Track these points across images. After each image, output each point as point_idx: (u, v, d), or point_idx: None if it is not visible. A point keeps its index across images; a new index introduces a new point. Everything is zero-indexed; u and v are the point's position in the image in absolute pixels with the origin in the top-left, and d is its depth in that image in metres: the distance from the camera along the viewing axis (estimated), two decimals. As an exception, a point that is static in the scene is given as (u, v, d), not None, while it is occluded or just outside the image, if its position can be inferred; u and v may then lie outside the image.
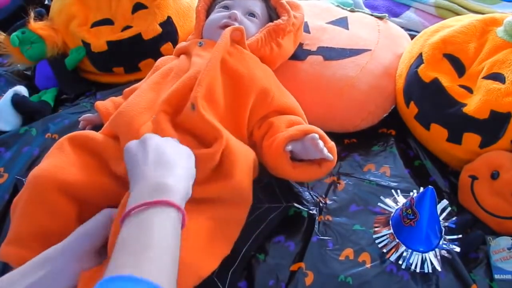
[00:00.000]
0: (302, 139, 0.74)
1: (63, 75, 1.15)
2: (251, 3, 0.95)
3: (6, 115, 1.06)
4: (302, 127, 0.78)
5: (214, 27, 0.91)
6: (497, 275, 0.73)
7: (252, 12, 0.94)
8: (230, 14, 0.90)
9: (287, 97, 0.86)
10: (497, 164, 0.80)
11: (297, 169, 0.76)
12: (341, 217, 0.81)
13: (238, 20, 0.90)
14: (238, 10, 0.92)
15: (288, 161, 0.75)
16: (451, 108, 0.85)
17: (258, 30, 0.93)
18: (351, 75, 0.97)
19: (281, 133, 0.76)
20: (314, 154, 0.73)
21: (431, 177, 0.90)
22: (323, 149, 0.72)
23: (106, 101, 0.93)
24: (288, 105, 0.84)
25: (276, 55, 0.94)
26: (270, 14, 0.97)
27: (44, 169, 0.70)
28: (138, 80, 1.07)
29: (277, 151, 0.75)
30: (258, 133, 0.81)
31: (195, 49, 0.88)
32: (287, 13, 0.94)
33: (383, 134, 0.99)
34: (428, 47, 0.92)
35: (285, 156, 0.75)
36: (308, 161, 0.77)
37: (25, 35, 1.13)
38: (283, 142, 0.74)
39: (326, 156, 0.73)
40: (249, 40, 0.89)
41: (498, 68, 0.85)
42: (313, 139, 0.72)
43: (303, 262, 0.74)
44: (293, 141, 0.75)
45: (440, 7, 1.24)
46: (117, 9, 1.15)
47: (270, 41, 0.92)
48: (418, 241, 0.74)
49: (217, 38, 0.86)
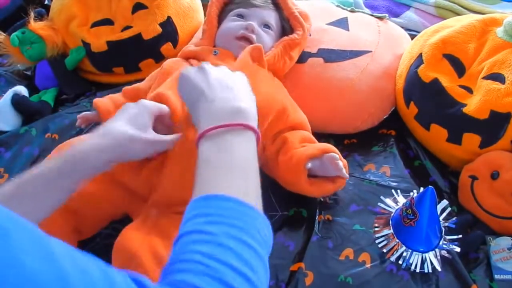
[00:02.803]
0: (321, 158, 0.77)
1: (63, 75, 1.15)
2: (266, 13, 0.95)
3: (6, 115, 1.06)
4: (321, 146, 0.80)
5: (230, 37, 0.91)
6: (497, 275, 0.73)
7: (267, 23, 0.94)
8: (247, 25, 0.90)
9: (299, 113, 0.88)
10: (497, 164, 0.80)
11: (313, 185, 0.79)
12: (341, 217, 0.81)
13: (255, 32, 0.91)
14: (254, 21, 0.92)
15: (305, 178, 0.77)
16: (451, 108, 0.85)
17: (273, 42, 0.94)
18: (352, 77, 0.97)
19: (299, 149, 0.78)
20: (332, 172, 0.77)
21: (431, 177, 0.90)
22: (342, 168, 0.76)
23: (105, 99, 0.91)
24: (300, 120, 0.86)
25: (287, 67, 0.95)
26: (283, 24, 0.98)
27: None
28: (138, 80, 1.07)
29: (297, 168, 0.77)
30: (272, 148, 0.82)
31: (210, 57, 0.89)
32: (301, 27, 0.95)
33: (383, 134, 0.99)
34: (428, 47, 0.92)
35: (304, 173, 0.77)
36: (323, 177, 0.79)
37: (25, 35, 1.13)
38: (304, 160, 0.76)
39: (343, 175, 0.77)
40: (266, 55, 0.90)
41: (498, 68, 0.85)
42: (333, 159, 0.76)
43: (303, 262, 0.74)
44: (312, 159, 0.77)
45: (440, 7, 1.24)
46: (117, 9, 1.15)
47: (285, 55, 0.93)
48: (418, 241, 0.74)
49: (233, 49, 0.88)
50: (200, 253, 0.39)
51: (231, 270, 0.38)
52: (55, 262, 0.30)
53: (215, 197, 0.45)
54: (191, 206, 0.45)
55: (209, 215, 0.43)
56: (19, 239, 0.29)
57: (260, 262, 0.42)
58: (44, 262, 0.29)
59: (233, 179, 0.48)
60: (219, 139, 0.51)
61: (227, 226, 0.42)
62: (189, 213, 0.44)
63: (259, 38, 0.91)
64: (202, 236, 0.41)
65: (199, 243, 0.40)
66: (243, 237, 0.41)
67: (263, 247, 0.43)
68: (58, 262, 0.30)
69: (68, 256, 0.32)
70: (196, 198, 0.45)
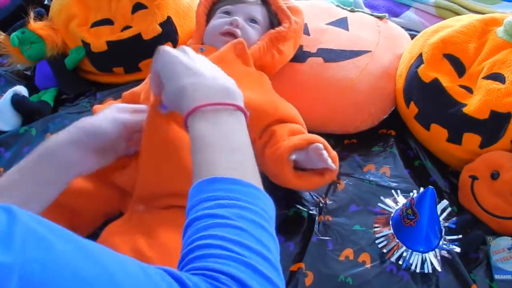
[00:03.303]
0: (306, 149, 0.74)
1: (63, 75, 1.14)
2: (253, 9, 0.95)
3: (6, 115, 1.06)
4: (306, 136, 0.78)
5: (216, 34, 0.91)
6: (497, 275, 0.73)
7: (254, 18, 0.94)
8: (232, 20, 0.90)
9: (287, 106, 0.86)
10: (497, 164, 0.80)
11: (300, 178, 0.76)
12: (341, 217, 0.81)
13: (239, 27, 0.90)
14: (240, 16, 0.92)
15: (291, 170, 0.75)
16: (451, 108, 0.85)
17: (260, 36, 0.93)
18: (351, 77, 0.97)
19: (284, 141, 0.76)
20: (317, 163, 0.74)
21: (431, 177, 0.89)
22: (327, 159, 0.72)
23: (104, 106, 0.92)
24: (288, 113, 0.85)
25: (277, 61, 0.94)
26: (271, 19, 0.97)
27: None
28: (138, 80, 1.07)
29: (280, 160, 0.75)
30: (259, 142, 0.81)
31: None
32: (288, 20, 0.94)
33: (383, 134, 0.99)
34: (428, 47, 0.92)
35: (289, 165, 0.75)
36: (310, 170, 0.77)
37: (25, 35, 1.12)
38: (287, 151, 0.74)
39: (329, 166, 0.73)
40: (251, 49, 0.89)
41: (498, 68, 0.85)
42: (317, 149, 0.72)
43: (303, 262, 0.74)
44: (297, 151, 0.75)
45: (440, 7, 1.24)
46: (117, 9, 1.15)
47: (272, 48, 0.92)
48: (418, 241, 0.74)
49: (218, 45, 0.87)
50: (217, 237, 0.40)
51: (251, 252, 0.39)
52: (100, 263, 0.32)
53: (221, 180, 0.44)
54: (196, 189, 0.45)
55: (218, 198, 0.43)
56: (61, 247, 0.31)
57: (271, 240, 0.43)
58: (92, 265, 0.32)
59: (233, 159, 0.47)
60: (213, 117, 0.50)
61: (238, 208, 0.42)
62: (194, 197, 0.44)
63: (244, 32, 0.90)
64: (215, 220, 0.41)
65: (214, 227, 0.41)
66: (254, 218, 0.42)
67: (271, 225, 0.44)
68: (102, 263, 0.33)
69: (109, 256, 0.34)
70: (201, 181, 0.45)
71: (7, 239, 0.29)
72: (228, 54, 0.85)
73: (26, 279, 0.28)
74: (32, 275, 0.28)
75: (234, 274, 0.37)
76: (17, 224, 0.30)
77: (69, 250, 0.32)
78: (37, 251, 0.30)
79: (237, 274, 0.37)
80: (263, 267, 0.39)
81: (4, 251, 0.28)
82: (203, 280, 0.37)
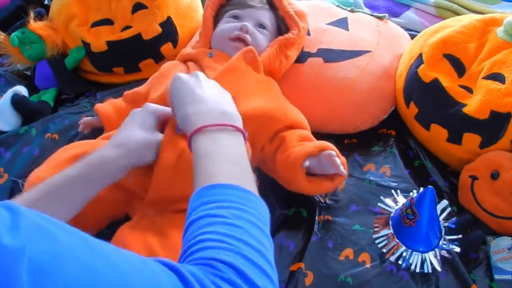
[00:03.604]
0: (318, 155, 0.76)
1: (63, 75, 1.14)
2: (261, 14, 0.95)
3: (6, 115, 1.05)
4: (317, 143, 0.80)
5: (225, 38, 0.91)
6: (497, 275, 0.73)
7: (262, 23, 0.94)
8: (242, 26, 0.90)
9: (296, 112, 0.88)
10: (497, 164, 0.80)
11: (311, 183, 0.78)
12: (341, 217, 0.81)
13: (249, 33, 0.91)
14: (249, 21, 0.92)
15: (303, 176, 0.77)
16: (451, 108, 0.85)
17: (268, 42, 0.94)
18: (351, 77, 0.97)
19: (296, 148, 0.78)
20: (329, 169, 0.76)
21: (431, 177, 0.89)
22: (340, 166, 0.75)
23: (106, 104, 0.92)
24: (297, 119, 0.86)
25: (284, 66, 0.95)
26: (278, 24, 0.98)
27: (44, 172, 0.71)
28: (138, 80, 1.08)
29: (294, 166, 0.76)
30: (269, 148, 0.82)
31: (205, 59, 0.89)
32: (296, 26, 0.95)
33: (383, 134, 0.99)
34: (428, 47, 0.92)
35: (302, 171, 0.76)
36: (321, 175, 0.79)
37: (25, 35, 1.12)
38: (301, 158, 0.76)
39: (341, 172, 0.76)
40: (261, 56, 0.90)
41: (498, 68, 0.85)
42: (330, 156, 0.75)
43: (302, 262, 0.74)
44: (309, 157, 0.76)
45: (440, 7, 1.24)
46: (117, 9, 1.15)
47: (280, 54, 0.93)
48: (418, 241, 0.74)
49: (228, 50, 0.88)
50: (217, 232, 0.43)
51: (248, 246, 0.42)
52: (103, 255, 0.34)
53: (221, 185, 0.48)
54: (198, 195, 0.48)
55: (217, 201, 0.46)
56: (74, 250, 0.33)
57: (267, 239, 0.46)
58: (97, 257, 0.33)
59: (232, 169, 0.52)
60: (213, 135, 0.56)
61: (235, 210, 0.46)
62: (195, 201, 0.48)
63: (253, 38, 0.91)
64: (215, 219, 0.44)
65: (214, 225, 0.44)
66: (250, 218, 0.46)
67: (266, 227, 0.48)
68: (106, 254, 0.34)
69: (111, 249, 0.36)
70: (202, 187, 0.48)
71: (13, 228, 0.30)
72: (239, 63, 0.85)
73: (36, 267, 0.29)
74: (43, 263, 0.29)
75: (231, 262, 0.39)
76: (21, 218, 0.31)
77: (74, 243, 0.33)
78: (43, 242, 0.31)
79: (235, 263, 0.39)
80: (259, 261, 0.42)
81: (12, 236, 0.29)
82: (200, 269, 0.39)
